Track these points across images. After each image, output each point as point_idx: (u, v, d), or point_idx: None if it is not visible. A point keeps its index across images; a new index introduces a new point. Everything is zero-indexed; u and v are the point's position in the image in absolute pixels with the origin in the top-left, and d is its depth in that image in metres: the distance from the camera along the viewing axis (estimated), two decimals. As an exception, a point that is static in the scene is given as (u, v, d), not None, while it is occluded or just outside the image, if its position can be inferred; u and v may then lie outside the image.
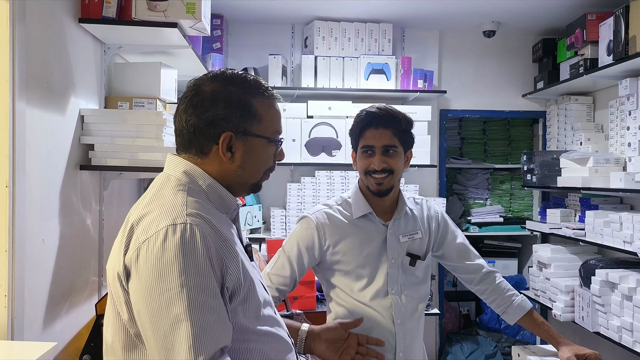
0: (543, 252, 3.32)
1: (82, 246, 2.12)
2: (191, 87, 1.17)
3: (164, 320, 0.99)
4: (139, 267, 1.02)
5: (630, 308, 2.54)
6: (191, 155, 1.17)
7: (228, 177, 1.18)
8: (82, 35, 2.10)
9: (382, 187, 1.75)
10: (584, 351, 1.79)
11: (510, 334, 4.07)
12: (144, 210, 1.09)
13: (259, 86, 1.18)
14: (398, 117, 1.75)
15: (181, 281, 1.00)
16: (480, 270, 1.92)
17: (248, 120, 1.15)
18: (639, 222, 2.52)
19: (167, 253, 1.01)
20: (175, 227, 1.03)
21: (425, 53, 3.83)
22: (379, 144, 1.73)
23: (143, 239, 1.03)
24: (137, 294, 1.02)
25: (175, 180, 1.14)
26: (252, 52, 3.69)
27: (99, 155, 2.13)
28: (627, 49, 2.72)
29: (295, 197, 3.45)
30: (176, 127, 1.18)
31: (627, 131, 2.88)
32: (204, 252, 1.03)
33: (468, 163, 4.26)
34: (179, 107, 1.17)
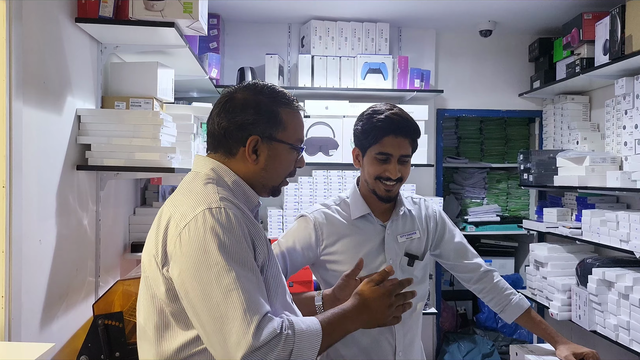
0: (540, 251, 3.33)
1: (79, 246, 2.11)
2: (225, 95, 1.31)
3: (215, 292, 1.09)
4: (183, 249, 1.13)
5: (627, 307, 2.55)
6: (219, 155, 1.30)
7: (251, 178, 1.30)
8: (79, 34, 2.09)
9: (391, 193, 1.75)
10: (581, 350, 1.79)
11: (507, 332, 4.08)
12: (179, 202, 1.21)
13: (286, 97, 1.31)
14: (416, 126, 1.74)
15: (225, 255, 1.11)
16: (479, 269, 1.92)
17: (274, 127, 1.28)
18: (635, 221, 2.53)
19: (208, 232, 1.12)
20: (212, 210, 1.15)
21: (422, 52, 3.84)
22: (397, 153, 1.70)
23: (183, 224, 1.14)
24: (185, 273, 1.11)
25: (203, 176, 1.26)
26: (249, 52, 3.68)
27: (95, 155, 2.12)
28: (623, 49, 2.73)
29: (292, 196, 3.45)
30: (208, 129, 1.32)
31: (624, 130, 2.89)
32: (239, 230, 1.15)
33: (465, 162, 4.27)
34: (212, 111, 1.30)
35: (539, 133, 4.03)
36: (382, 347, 1.75)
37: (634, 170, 2.58)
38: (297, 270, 1.81)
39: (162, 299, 1.18)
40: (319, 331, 1.15)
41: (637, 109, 2.76)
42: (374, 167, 1.73)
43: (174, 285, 1.14)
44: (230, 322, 1.07)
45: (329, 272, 1.80)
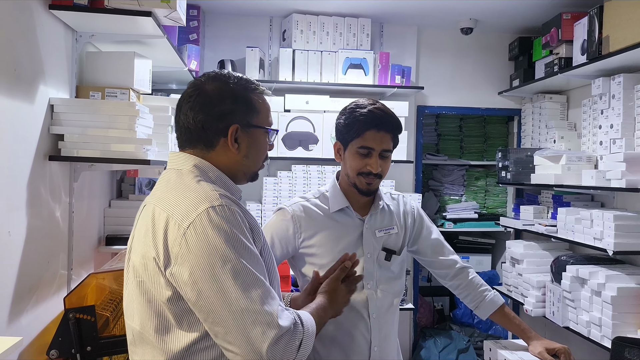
0: (516, 248, 3.37)
1: (51, 239, 2.07)
2: (193, 88, 1.28)
3: (232, 288, 1.10)
4: (191, 249, 1.11)
5: (599, 303, 2.59)
6: (197, 150, 1.28)
7: (234, 167, 1.30)
8: (53, 22, 2.05)
9: (372, 187, 1.75)
10: (553, 345, 1.82)
11: (483, 328, 4.12)
12: (174, 202, 1.18)
13: (253, 83, 1.32)
14: (398, 123, 1.75)
15: (235, 250, 1.12)
16: (454, 265, 1.94)
17: (250, 113, 1.29)
18: (608, 220, 2.57)
19: (215, 230, 1.12)
20: (215, 208, 1.14)
21: (403, 49, 3.84)
22: (379, 148, 1.71)
23: (187, 223, 1.13)
24: (198, 273, 1.10)
25: (189, 173, 1.24)
26: (229, 44, 3.64)
27: (69, 145, 2.08)
28: (600, 49, 2.76)
29: (272, 191, 3.43)
30: (181, 125, 1.28)
31: (599, 130, 2.93)
32: (241, 225, 1.16)
33: (444, 159, 4.29)
34: (182, 107, 1.28)
35: (517, 131, 4.07)
36: (357, 342, 1.75)
37: (608, 169, 2.62)
38: (277, 264, 1.80)
39: (164, 301, 1.15)
40: (315, 326, 1.24)
41: (612, 109, 2.80)
42: (356, 161, 1.73)
43: (181, 286, 1.12)
44: (252, 315, 1.09)
45: (307, 266, 1.79)
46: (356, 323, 1.75)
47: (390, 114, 1.74)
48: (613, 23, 2.65)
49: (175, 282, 1.13)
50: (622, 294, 2.49)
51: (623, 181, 2.48)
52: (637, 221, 2.55)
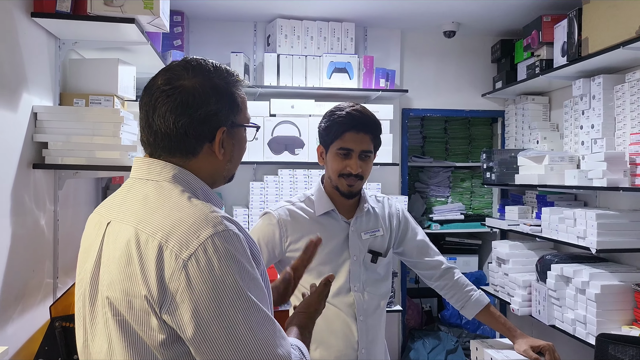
0: (502, 248, 3.40)
1: (36, 247, 2.05)
2: (167, 84, 1.06)
3: (242, 329, 0.95)
4: (193, 286, 0.94)
5: (584, 301, 2.62)
6: (175, 159, 1.08)
7: (216, 174, 1.13)
8: (35, 29, 2.04)
9: (353, 189, 1.77)
10: (538, 343, 1.84)
11: (471, 329, 4.15)
12: (166, 225, 0.98)
13: (231, 73, 1.13)
14: (377, 122, 1.78)
15: (245, 285, 0.96)
16: (440, 266, 1.96)
17: (234, 111, 1.11)
18: (591, 218, 2.60)
19: (222, 263, 0.95)
20: (220, 235, 0.97)
21: (387, 52, 3.87)
22: (358, 149, 1.74)
23: (187, 254, 0.94)
24: (203, 313, 0.93)
25: (172, 187, 1.05)
26: (213, 50, 3.64)
27: (53, 153, 2.07)
28: (580, 51, 2.81)
29: (258, 195, 3.44)
30: (156, 130, 1.06)
31: (581, 130, 2.97)
32: (248, 253, 1.01)
33: (430, 161, 4.32)
34: (156, 107, 1.05)
35: (501, 133, 4.11)
36: (344, 345, 1.76)
37: (590, 169, 2.66)
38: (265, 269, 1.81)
39: (155, 346, 0.97)
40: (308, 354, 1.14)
41: (593, 109, 2.85)
42: (336, 162, 1.76)
43: (181, 328, 0.95)
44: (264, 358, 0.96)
45: (292, 270, 1.80)
46: (343, 325, 1.76)
47: (369, 115, 1.77)
48: (592, 25, 2.70)
49: (174, 323, 0.95)
50: (606, 291, 2.53)
51: (604, 180, 2.52)
52: (619, 219, 2.59)
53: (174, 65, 1.10)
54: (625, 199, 2.85)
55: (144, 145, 1.10)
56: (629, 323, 2.51)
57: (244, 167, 3.62)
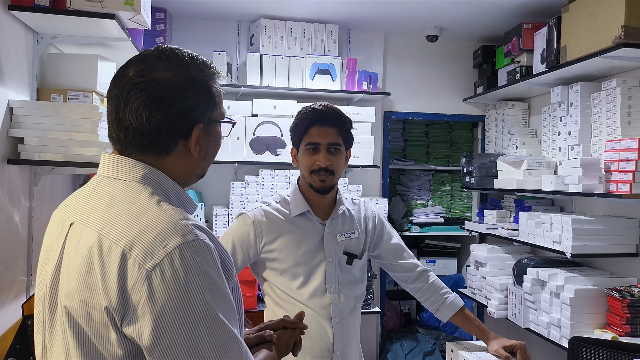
0: (480, 252, 3.43)
1: (9, 244, 2.02)
2: (140, 76, 0.98)
3: (206, 348, 0.87)
4: (156, 300, 0.86)
5: (558, 305, 2.66)
6: (148, 157, 1.00)
7: (189, 173, 1.07)
8: (13, 23, 2.01)
9: (325, 184, 1.77)
10: (510, 342, 1.87)
11: (449, 331, 4.18)
12: (130, 230, 0.91)
13: (208, 65, 1.06)
14: (343, 117, 1.79)
15: (213, 300, 0.89)
16: (415, 269, 1.97)
17: (211, 106, 1.04)
18: (567, 223, 2.64)
19: (189, 275, 0.88)
20: (189, 245, 0.90)
21: (370, 55, 3.89)
22: (325, 142, 1.75)
23: (151, 265, 0.87)
24: (165, 332, 0.86)
25: (142, 189, 0.98)
26: (196, 48, 3.55)
27: (29, 149, 2.04)
28: (559, 58, 2.85)
29: (239, 195, 3.42)
30: (127, 126, 0.98)
31: (558, 136, 3.02)
32: (218, 265, 0.94)
33: (411, 164, 4.35)
34: (130, 102, 0.97)
35: (481, 137, 4.15)
36: (319, 346, 1.76)
37: (566, 174, 2.70)
38: (239, 271, 1.80)
39: (115, 358, 0.91)
40: None
41: (570, 116, 2.89)
42: (306, 159, 1.78)
43: (141, 342, 0.88)
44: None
45: (268, 270, 1.80)
46: (318, 327, 1.76)
47: (333, 110, 1.79)
48: (570, 33, 2.74)
49: (135, 337, 0.89)
50: (580, 295, 2.57)
51: (580, 186, 2.56)
52: (594, 225, 2.64)
53: (147, 55, 1.01)
54: (600, 204, 2.90)
55: (113, 141, 1.03)
56: (602, 327, 2.55)
57: (225, 167, 3.61)
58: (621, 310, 2.44)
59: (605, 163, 2.55)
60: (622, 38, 2.36)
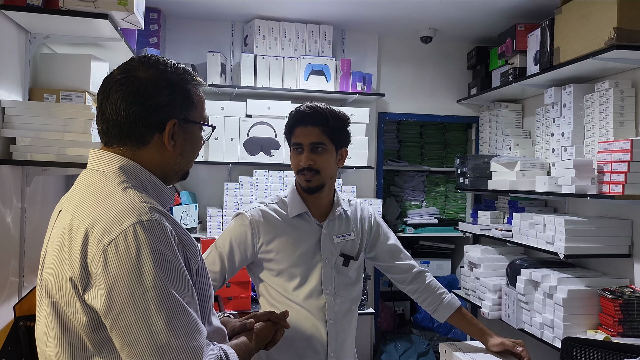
0: (474, 253, 3.44)
1: (1, 245, 2.00)
2: (123, 73, 1.10)
3: (154, 318, 0.97)
4: (110, 270, 0.97)
5: (551, 305, 2.67)
6: (126, 147, 1.12)
7: (166, 166, 1.16)
8: (5, 22, 2.00)
9: (311, 184, 1.76)
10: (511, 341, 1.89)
11: (443, 332, 4.18)
12: (95, 212, 1.02)
13: (190, 73, 1.18)
14: (325, 114, 1.76)
15: (163, 275, 0.99)
16: (411, 270, 1.97)
17: (188, 107, 1.15)
18: (560, 224, 2.65)
19: (141, 250, 0.98)
20: (143, 224, 1.00)
21: (364, 56, 3.89)
22: (307, 142, 1.75)
23: (107, 240, 0.98)
24: (116, 299, 0.97)
25: (114, 177, 1.09)
26: (190, 49, 3.62)
27: (21, 149, 2.03)
28: (552, 60, 2.86)
29: (233, 196, 3.42)
30: (108, 117, 1.10)
31: (552, 137, 3.03)
32: (173, 244, 1.03)
33: (405, 165, 4.35)
34: (110, 95, 1.10)
35: (475, 138, 4.16)
36: (314, 348, 1.76)
37: (559, 175, 2.71)
38: (237, 271, 1.80)
39: (81, 327, 1.02)
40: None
41: (564, 117, 2.91)
42: (293, 159, 1.80)
43: (97, 308, 0.99)
44: (174, 352, 0.97)
45: (264, 271, 1.80)
46: (313, 328, 1.75)
47: (317, 109, 1.77)
48: (563, 35, 2.76)
49: (93, 304, 0.99)
50: (573, 295, 2.58)
51: (573, 187, 2.57)
52: (587, 226, 2.65)
53: (133, 59, 1.15)
54: (593, 205, 2.92)
55: (100, 135, 1.14)
56: (594, 327, 2.57)
57: (219, 168, 3.60)
58: (614, 310, 2.45)
59: (598, 164, 2.56)
60: (615, 40, 2.37)
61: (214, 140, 3.38)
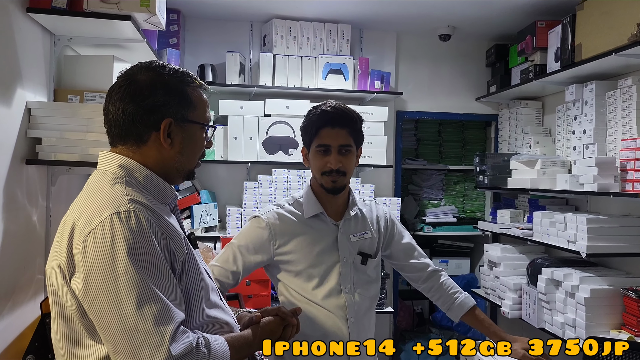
0: (493, 252, 3.42)
1: (27, 243, 2.04)
2: (124, 77, 1.19)
3: (124, 303, 1.02)
4: (87, 259, 1.05)
5: (573, 305, 2.64)
6: (127, 146, 1.20)
7: (167, 165, 1.22)
8: (31, 25, 2.03)
9: (337, 184, 1.77)
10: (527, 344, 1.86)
11: (462, 331, 4.16)
12: (83, 206, 1.12)
13: (189, 76, 1.24)
14: (353, 117, 1.78)
15: (135, 263, 1.04)
16: (426, 269, 1.97)
17: (185, 107, 1.21)
18: (582, 223, 2.62)
19: (116, 239, 1.04)
20: (120, 215, 1.07)
21: (382, 54, 3.88)
22: (336, 144, 1.75)
23: (87, 230, 1.06)
24: (91, 284, 1.04)
25: (111, 175, 1.16)
26: (209, 49, 3.65)
27: (46, 149, 2.07)
28: (573, 57, 2.83)
29: (252, 195, 3.44)
30: (110, 118, 1.19)
31: (573, 135, 2.99)
32: (150, 235, 1.08)
33: (423, 164, 4.34)
34: (111, 97, 1.19)
35: (494, 136, 4.13)
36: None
37: (581, 174, 2.68)
38: (250, 272, 1.81)
39: (74, 313, 1.10)
40: (228, 354, 1.16)
41: (585, 114, 2.87)
42: (317, 160, 1.77)
43: (77, 292, 1.07)
44: (142, 335, 1.02)
45: (282, 273, 1.81)
46: (334, 328, 1.76)
47: (343, 109, 1.77)
48: (585, 31, 2.72)
49: (75, 289, 1.07)
50: (595, 295, 2.55)
51: (595, 185, 2.55)
52: (609, 224, 2.61)
53: (138, 64, 1.22)
54: (616, 204, 2.88)
55: (108, 136, 1.23)
56: (618, 327, 2.53)
57: (238, 167, 3.63)
58: (637, 310, 2.42)
59: (621, 162, 2.52)
60: (638, 36, 2.33)
61: (233, 139, 3.40)
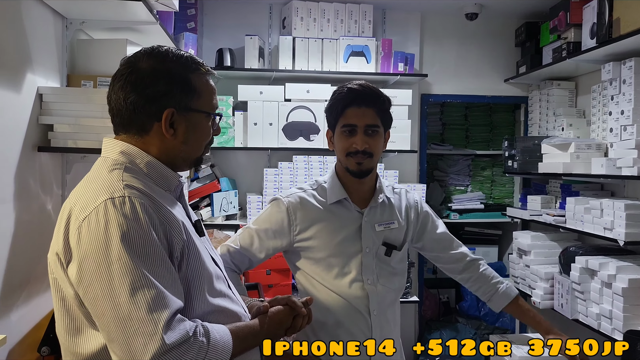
0: (523, 239, 3.29)
1: (42, 232, 2.00)
2: (126, 65, 1.16)
3: (118, 290, 1.00)
4: (82, 245, 1.03)
5: (610, 295, 2.51)
6: (130, 135, 1.17)
7: (171, 154, 1.19)
8: (41, 8, 1.97)
9: (362, 167, 1.67)
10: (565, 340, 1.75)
11: (490, 321, 4.04)
12: (80, 192, 1.11)
13: (195, 62, 1.20)
14: (381, 96, 1.69)
15: (129, 249, 1.02)
16: (464, 259, 1.87)
17: (188, 95, 1.17)
18: (619, 209, 2.48)
19: (110, 225, 1.02)
20: (114, 200, 1.04)
21: (406, 35, 3.74)
22: (362, 124, 1.65)
23: (82, 217, 1.04)
24: (85, 271, 1.03)
25: (111, 161, 1.14)
26: (228, 33, 3.56)
27: (59, 136, 2.01)
28: (610, 32, 2.66)
29: (272, 182, 3.36)
30: (112, 106, 1.17)
31: (609, 116, 2.83)
32: (146, 221, 1.05)
33: (449, 149, 4.20)
34: (113, 85, 1.16)
35: (524, 119, 3.97)
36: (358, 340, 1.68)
37: (619, 157, 2.53)
38: (268, 257, 1.73)
39: (72, 300, 1.08)
40: (231, 344, 1.11)
41: (623, 94, 2.71)
42: (342, 141, 1.68)
43: (73, 284, 1.05)
44: (135, 323, 0.99)
45: (302, 260, 1.72)
46: (356, 320, 1.68)
47: (371, 88, 1.68)
48: (624, 4, 2.55)
49: (70, 276, 1.06)
50: (634, 285, 2.41)
51: (635, 169, 2.40)
52: (649, 210, 2.46)
53: (141, 50, 1.18)
54: (656, 189, 2.72)
55: (112, 124, 1.19)
56: (658, 319, 2.39)
57: (258, 153, 3.55)
58: (680, 301, 2.28)
59: (663, 144, 2.36)
60: (684, 7, 2.17)
61: (253, 125, 3.32)
